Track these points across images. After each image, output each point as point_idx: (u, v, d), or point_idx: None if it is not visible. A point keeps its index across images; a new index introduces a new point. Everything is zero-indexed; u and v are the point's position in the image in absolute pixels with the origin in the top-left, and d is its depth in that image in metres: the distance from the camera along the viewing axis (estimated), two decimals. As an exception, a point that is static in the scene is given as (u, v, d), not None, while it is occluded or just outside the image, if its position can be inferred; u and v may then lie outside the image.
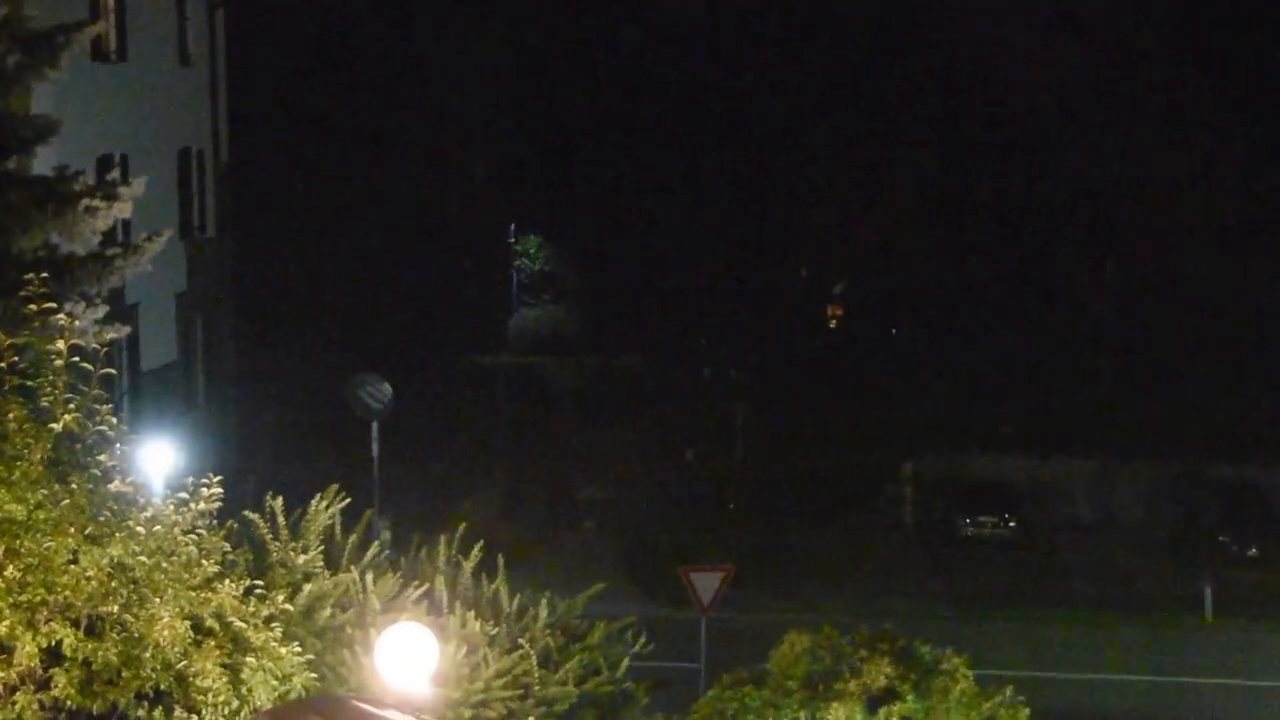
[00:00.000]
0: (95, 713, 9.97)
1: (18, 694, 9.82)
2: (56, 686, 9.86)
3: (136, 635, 10.12)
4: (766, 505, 42.59)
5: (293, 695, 10.86)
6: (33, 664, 9.83)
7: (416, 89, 53.83)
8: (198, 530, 10.92)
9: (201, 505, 10.92)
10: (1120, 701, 30.18)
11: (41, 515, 10.04)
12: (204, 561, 10.76)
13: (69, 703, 9.87)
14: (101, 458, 10.61)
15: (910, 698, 14.98)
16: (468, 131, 56.04)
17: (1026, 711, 15.58)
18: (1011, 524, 42.10)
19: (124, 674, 10.04)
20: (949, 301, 54.58)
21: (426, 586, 15.22)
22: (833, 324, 59.71)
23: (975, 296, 54.52)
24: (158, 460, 17.13)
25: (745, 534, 39.89)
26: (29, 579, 9.89)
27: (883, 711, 14.93)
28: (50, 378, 10.61)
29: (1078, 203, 55.98)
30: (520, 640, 15.25)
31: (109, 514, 10.32)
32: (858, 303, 58.60)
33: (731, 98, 58.38)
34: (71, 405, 10.57)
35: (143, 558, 10.26)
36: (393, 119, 52.48)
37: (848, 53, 58.05)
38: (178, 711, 10.21)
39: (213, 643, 10.46)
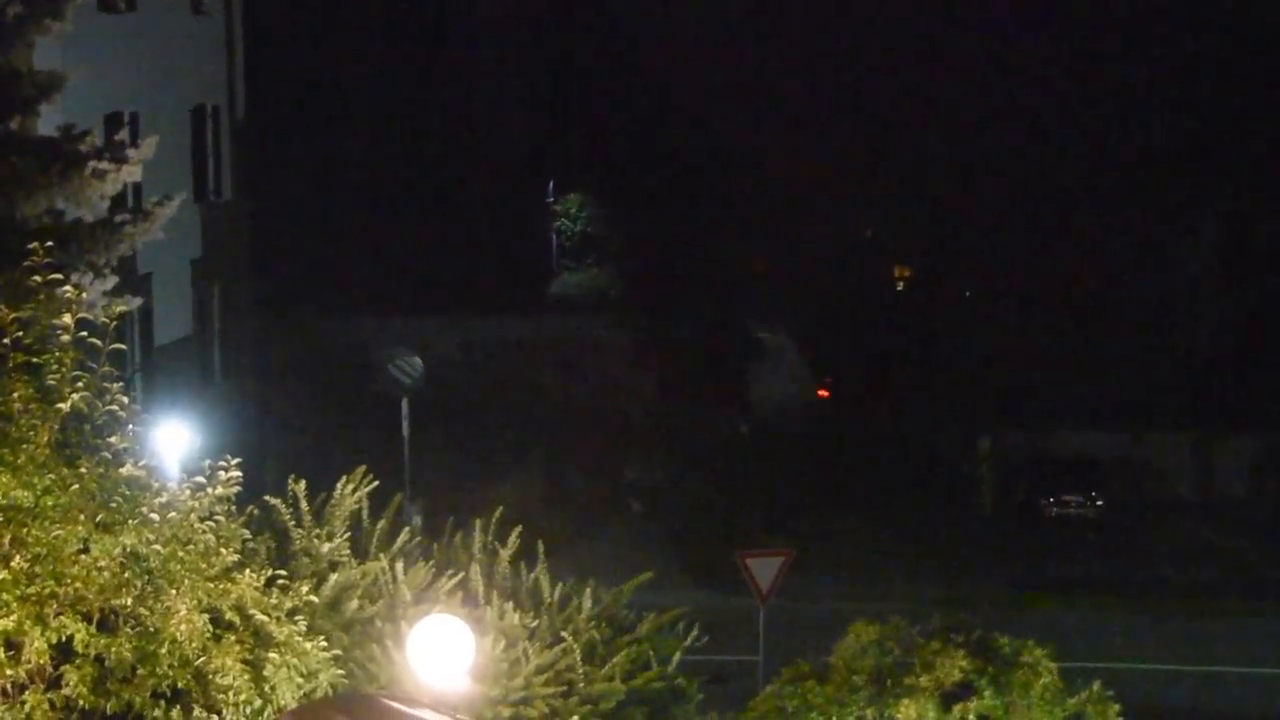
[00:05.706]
0: (109, 712, 10.07)
1: (27, 693, 9.93)
2: (67, 685, 9.97)
3: (152, 630, 10.23)
4: (829, 484, 42.53)
5: (319, 693, 10.96)
6: (42, 661, 9.93)
7: (446, 37, 53.82)
8: (216, 516, 11.02)
9: (219, 489, 11.01)
10: (1218, 697, 29.99)
11: (49, 501, 10.14)
12: (223, 550, 10.85)
13: (81, 702, 9.97)
14: (112, 439, 10.69)
15: (988, 693, 14.92)
16: (501, 84, 55.98)
17: (1116, 708, 15.46)
18: (1099, 503, 41.94)
19: (139, 671, 10.15)
20: (1030, 262, 54.14)
21: (461, 576, 15.31)
22: (900, 285, 59.46)
23: (1060, 255, 54.06)
24: (173, 441, 17.31)
25: (806, 516, 39.86)
26: (37, 570, 9.99)
27: (958, 709, 14.85)
28: (57, 354, 10.69)
29: (1174, 158, 55.42)
30: (563, 633, 15.32)
31: (121, 500, 10.42)
32: (929, 263, 58.30)
33: (790, 50, 58.10)
34: (80, 383, 10.65)
35: (157, 546, 10.36)
36: (421, 71, 52.49)
37: (905, 14, 57.72)
38: (196, 711, 10.32)
39: (233, 637, 10.56)
